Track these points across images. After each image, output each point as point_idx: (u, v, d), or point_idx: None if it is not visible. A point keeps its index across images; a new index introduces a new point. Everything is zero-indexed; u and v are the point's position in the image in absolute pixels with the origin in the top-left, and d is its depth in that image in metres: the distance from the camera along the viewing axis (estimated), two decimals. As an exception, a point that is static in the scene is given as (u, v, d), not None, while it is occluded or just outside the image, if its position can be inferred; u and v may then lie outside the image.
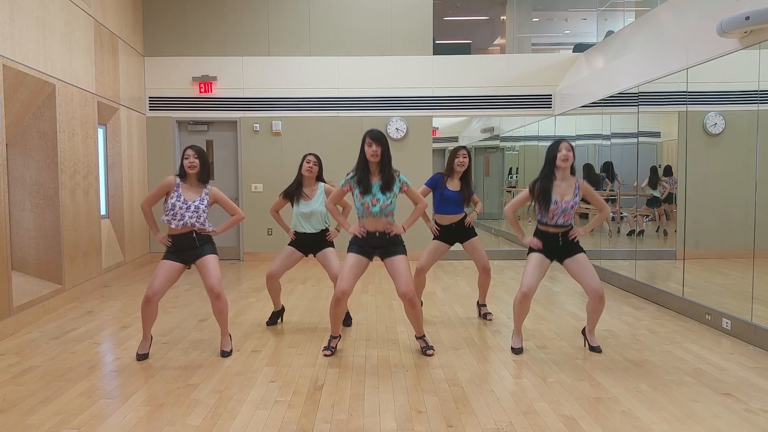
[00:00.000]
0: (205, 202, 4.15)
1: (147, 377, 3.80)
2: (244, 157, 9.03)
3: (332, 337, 4.35)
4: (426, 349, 4.30)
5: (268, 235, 8.98)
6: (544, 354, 4.28)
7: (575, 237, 4.18)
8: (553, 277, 7.52)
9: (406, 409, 3.28)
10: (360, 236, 4.16)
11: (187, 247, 4.13)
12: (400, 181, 4.16)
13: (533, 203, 4.24)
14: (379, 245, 4.18)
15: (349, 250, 4.22)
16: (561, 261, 4.24)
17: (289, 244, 5.00)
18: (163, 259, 4.14)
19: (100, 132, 7.36)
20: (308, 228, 4.90)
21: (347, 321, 5.08)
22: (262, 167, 8.99)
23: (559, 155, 4.10)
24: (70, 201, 6.06)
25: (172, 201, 4.07)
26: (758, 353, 4.28)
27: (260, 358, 4.22)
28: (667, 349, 4.39)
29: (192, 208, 4.08)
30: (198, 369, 3.96)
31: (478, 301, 5.48)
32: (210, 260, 4.16)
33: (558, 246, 4.20)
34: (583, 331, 4.46)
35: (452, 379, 3.75)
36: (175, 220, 4.07)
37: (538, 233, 4.26)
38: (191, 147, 4.17)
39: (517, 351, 4.32)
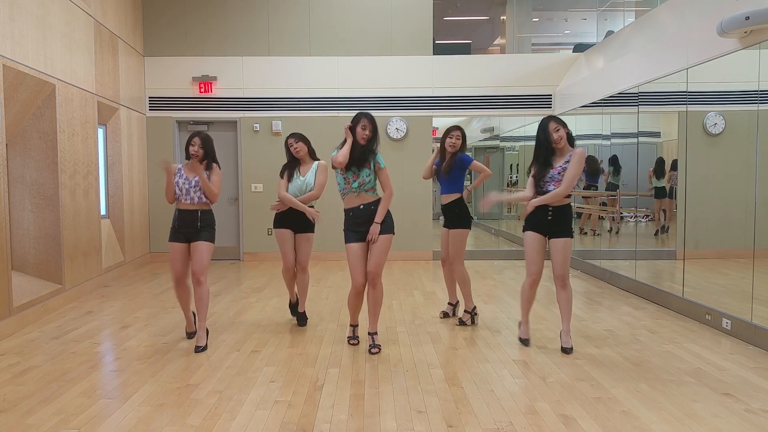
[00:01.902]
0: (206, 176, 4.50)
1: (147, 377, 3.80)
2: (244, 157, 9.02)
3: (353, 326, 4.58)
4: (372, 348, 4.33)
5: (268, 234, 8.97)
6: (544, 354, 4.28)
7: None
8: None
9: (406, 409, 3.28)
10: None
11: (190, 224, 4.45)
12: (375, 160, 4.22)
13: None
14: (367, 220, 4.21)
15: (348, 240, 4.26)
16: (549, 237, 4.28)
17: (275, 226, 5.01)
18: (170, 241, 4.50)
19: (100, 132, 7.36)
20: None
21: (303, 321, 5.17)
22: (262, 167, 8.99)
23: (552, 139, 4.14)
24: (70, 201, 6.06)
25: (177, 180, 4.48)
26: (758, 353, 4.28)
27: (260, 358, 4.22)
28: (667, 349, 4.39)
29: (193, 183, 4.46)
30: (198, 369, 3.96)
31: (465, 308, 5.15)
32: (203, 246, 4.44)
33: (547, 220, 4.22)
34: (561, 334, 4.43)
35: (452, 379, 3.75)
36: (182, 195, 4.47)
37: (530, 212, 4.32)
38: (198, 135, 4.54)
39: (525, 342, 4.45)
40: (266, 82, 8.98)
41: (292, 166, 4.99)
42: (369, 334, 4.42)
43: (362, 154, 4.17)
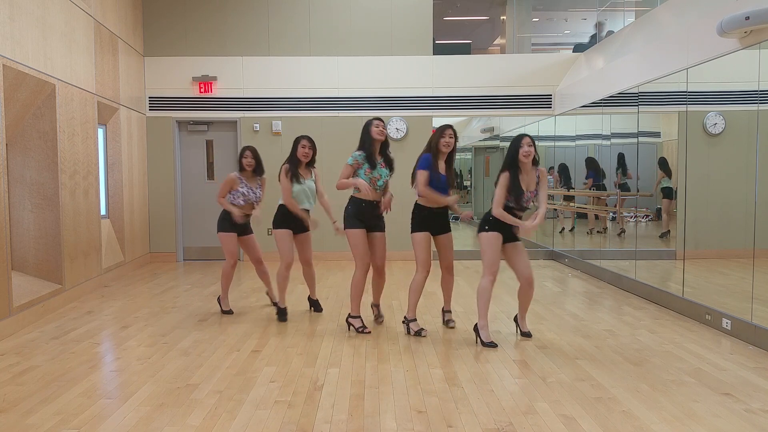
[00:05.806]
0: (260, 187, 5.53)
1: (147, 377, 3.80)
2: (244, 157, 9.02)
3: (360, 316, 4.93)
4: (378, 318, 5.19)
5: (268, 234, 8.95)
6: (544, 354, 4.28)
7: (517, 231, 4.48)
8: (553, 277, 7.52)
9: (406, 409, 3.28)
10: (366, 191, 4.63)
11: (243, 225, 5.49)
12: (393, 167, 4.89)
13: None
14: (373, 214, 4.80)
15: (353, 226, 4.75)
16: (504, 242, 4.53)
17: (278, 227, 5.22)
18: (228, 232, 5.42)
19: (100, 132, 7.36)
20: (309, 204, 5.27)
21: (319, 308, 5.72)
22: (262, 167, 8.98)
23: (521, 150, 4.36)
24: (70, 201, 6.06)
25: (243, 190, 5.36)
26: (758, 353, 4.28)
27: (260, 358, 4.22)
28: (667, 349, 4.39)
29: (257, 192, 5.45)
30: (198, 369, 3.96)
31: (443, 308, 5.15)
32: (254, 238, 5.67)
33: (510, 228, 4.48)
34: (515, 319, 4.79)
35: (452, 379, 3.75)
36: (247, 200, 5.36)
37: (495, 219, 4.45)
38: (248, 148, 5.42)
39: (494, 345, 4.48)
40: (266, 82, 8.98)
41: (296, 168, 5.17)
42: (374, 305, 5.20)
43: (388, 159, 4.82)
